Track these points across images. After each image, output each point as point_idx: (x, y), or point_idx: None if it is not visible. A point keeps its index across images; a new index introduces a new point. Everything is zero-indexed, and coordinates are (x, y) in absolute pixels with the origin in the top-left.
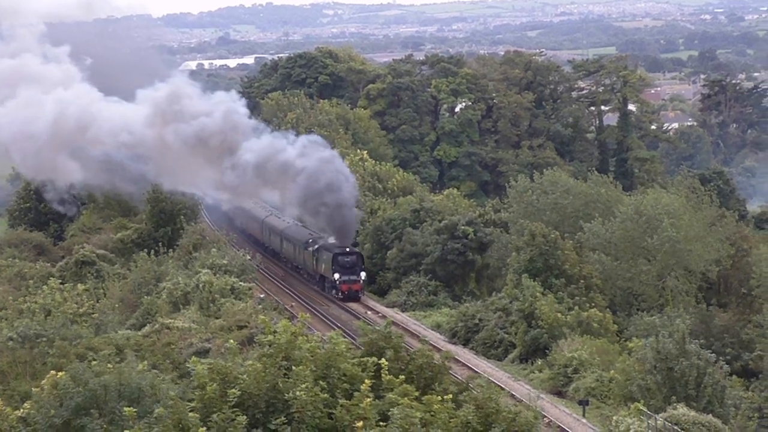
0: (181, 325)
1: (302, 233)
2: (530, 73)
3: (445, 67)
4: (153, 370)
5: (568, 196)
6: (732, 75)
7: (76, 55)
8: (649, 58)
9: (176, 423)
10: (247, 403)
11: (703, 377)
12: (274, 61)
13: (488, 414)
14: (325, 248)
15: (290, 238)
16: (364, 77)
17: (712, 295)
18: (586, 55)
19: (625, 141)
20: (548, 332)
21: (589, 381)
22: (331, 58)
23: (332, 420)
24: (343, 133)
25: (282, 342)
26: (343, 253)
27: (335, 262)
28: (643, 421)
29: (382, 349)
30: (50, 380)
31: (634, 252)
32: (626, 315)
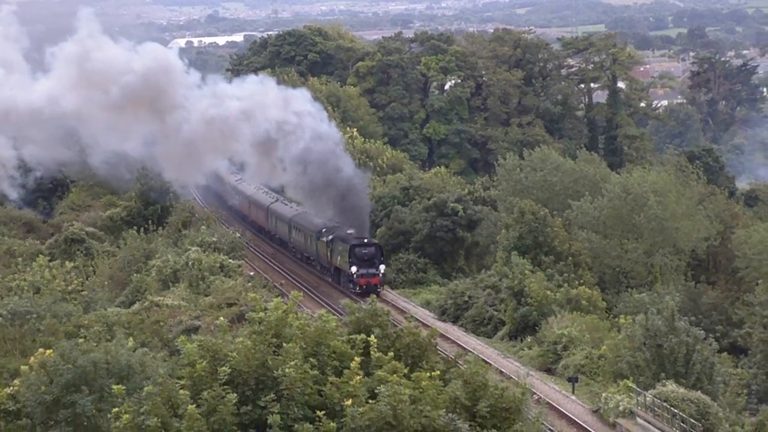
0: (170, 302)
1: (314, 222)
2: (519, 51)
3: (434, 45)
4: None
5: (557, 174)
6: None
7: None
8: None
9: (166, 400)
10: (236, 381)
11: (692, 354)
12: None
13: (476, 390)
14: (341, 239)
15: (300, 226)
16: (354, 55)
17: (701, 272)
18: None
19: (614, 118)
20: (537, 309)
21: (578, 358)
22: (321, 36)
23: (322, 397)
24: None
25: (272, 320)
26: (361, 244)
27: (352, 254)
28: (633, 398)
29: (368, 327)
30: (39, 358)
31: (623, 230)
32: (615, 292)
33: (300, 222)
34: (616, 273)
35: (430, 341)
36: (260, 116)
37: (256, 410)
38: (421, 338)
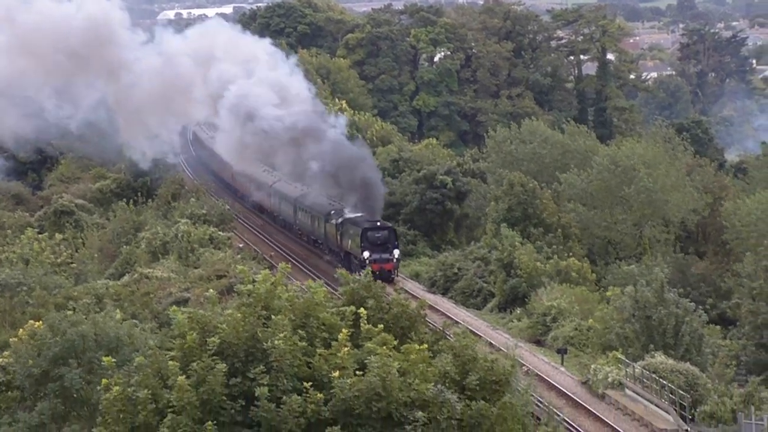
0: (160, 274)
1: (322, 203)
2: (509, 23)
3: (424, 17)
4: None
5: (546, 146)
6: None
7: None
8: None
9: (156, 372)
10: (226, 352)
11: (681, 326)
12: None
13: (465, 362)
14: (352, 222)
15: (307, 207)
16: (343, 27)
17: (690, 244)
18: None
19: (603, 90)
20: (527, 281)
21: (567, 330)
22: (310, 8)
23: (311, 369)
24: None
25: (261, 292)
26: (373, 228)
27: (365, 238)
28: (621, 370)
29: (363, 299)
30: (29, 330)
31: (612, 202)
32: (604, 264)
33: (306, 203)
34: (605, 245)
35: (419, 313)
36: (215, 72)
37: (246, 382)
38: (411, 310)
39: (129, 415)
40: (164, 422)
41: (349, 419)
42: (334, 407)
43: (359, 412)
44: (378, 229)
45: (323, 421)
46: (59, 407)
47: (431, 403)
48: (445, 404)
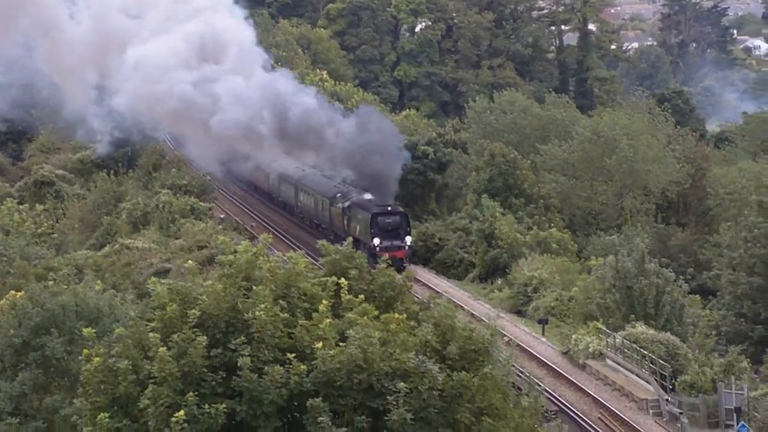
0: (140, 245)
1: (326, 185)
2: None
3: None
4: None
5: (527, 117)
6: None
7: None
8: None
9: (136, 343)
10: (207, 324)
11: (661, 296)
12: None
13: (445, 332)
14: (360, 206)
15: (309, 189)
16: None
17: (671, 214)
18: None
19: (585, 61)
20: (508, 252)
21: (548, 300)
22: None
23: (292, 339)
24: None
25: (242, 262)
26: (384, 212)
27: (374, 223)
28: (602, 340)
29: (345, 269)
30: (9, 300)
31: (592, 172)
32: (585, 235)
33: (309, 184)
34: (585, 215)
35: (405, 284)
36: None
37: (227, 353)
38: (396, 280)
39: (110, 385)
40: (145, 393)
41: (331, 390)
42: (315, 378)
43: (340, 383)
44: (389, 214)
45: (305, 392)
46: (40, 377)
47: (413, 374)
48: (426, 375)
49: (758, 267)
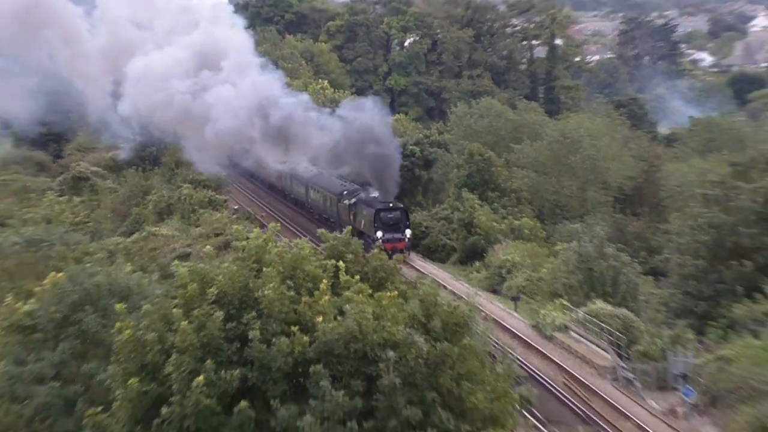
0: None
1: (334, 183)
2: (470, 12)
3: (395, 7)
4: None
5: (501, 120)
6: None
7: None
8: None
9: (162, 317)
10: (222, 301)
11: (618, 276)
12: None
13: (430, 308)
14: (365, 203)
15: (319, 188)
16: (325, 15)
17: (628, 205)
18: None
19: (552, 71)
20: (485, 238)
21: (520, 280)
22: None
23: (296, 314)
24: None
25: (253, 247)
26: (386, 209)
27: (378, 218)
28: (567, 315)
29: (342, 254)
30: (51, 280)
31: (559, 169)
32: (552, 223)
33: (319, 183)
34: (552, 206)
35: (395, 266)
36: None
37: (240, 326)
38: (387, 263)
39: (138, 354)
40: (169, 361)
41: (330, 358)
42: (317, 348)
43: (339, 352)
44: (391, 210)
45: (307, 360)
46: (78, 347)
47: (401, 344)
48: (413, 345)
49: (702, 251)
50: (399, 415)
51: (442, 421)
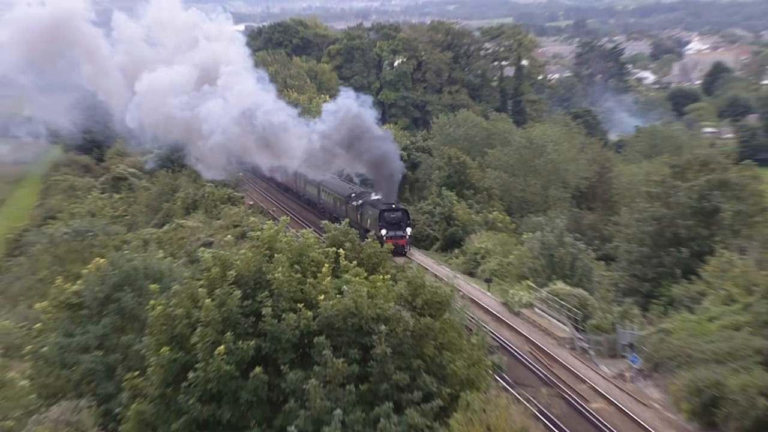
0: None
1: (343, 186)
2: (449, 37)
3: (386, 33)
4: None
5: (476, 129)
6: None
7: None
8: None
9: (188, 296)
10: (240, 282)
11: (575, 261)
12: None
13: (416, 288)
14: (370, 204)
15: (329, 190)
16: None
17: (583, 201)
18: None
19: (519, 87)
20: (462, 229)
21: (492, 264)
22: (302, 26)
23: (302, 294)
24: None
25: (266, 237)
26: (389, 209)
27: (382, 218)
28: (532, 294)
29: (341, 242)
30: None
31: (525, 170)
32: (519, 216)
33: (329, 186)
34: (520, 202)
35: (385, 254)
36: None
37: (254, 303)
38: (379, 250)
39: (169, 327)
40: (195, 333)
41: (331, 331)
42: (320, 322)
43: (338, 326)
44: (393, 211)
45: (312, 332)
46: (118, 322)
47: (391, 319)
48: (401, 319)
49: (646, 240)
50: (390, 379)
51: (426, 384)
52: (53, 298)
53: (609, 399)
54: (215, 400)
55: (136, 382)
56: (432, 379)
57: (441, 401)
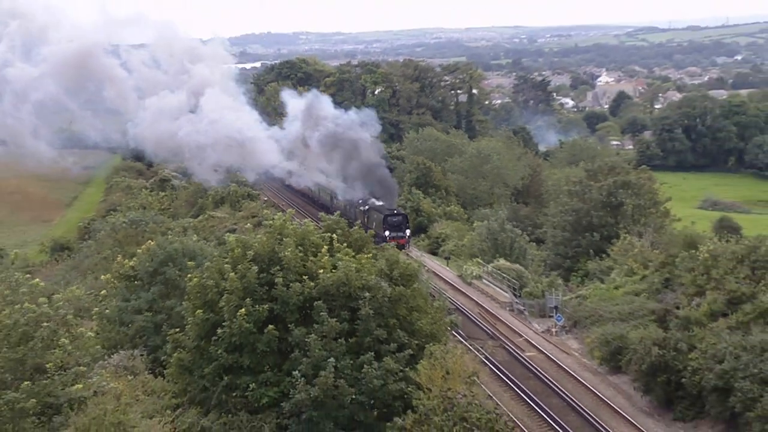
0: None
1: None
2: (417, 72)
3: (369, 68)
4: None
5: (438, 142)
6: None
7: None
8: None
9: (217, 270)
10: (257, 259)
11: (513, 243)
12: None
13: (392, 264)
14: (375, 209)
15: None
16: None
17: (520, 197)
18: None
19: (470, 110)
20: (427, 219)
21: (450, 246)
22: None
23: (305, 268)
24: None
25: (277, 225)
26: (392, 214)
27: (386, 222)
28: (480, 268)
29: (334, 229)
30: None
31: (476, 174)
32: (471, 209)
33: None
34: (472, 198)
35: (368, 238)
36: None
37: (268, 276)
38: (363, 235)
39: (202, 295)
40: (223, 299)
41: (327, 297)
42: (318, 290)
43: (333, 293)
44: (395, 215)
45: (312, 298)
46: (163, 290)
47: (373, 288)
48: (381, 288)
49: (567, 227)
50: (372, 334)
51: (400, 338)
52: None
53: (539, 349)
54: (238, 351)
55: (177, 336)
56: (404, 334)
57: (411, 351)
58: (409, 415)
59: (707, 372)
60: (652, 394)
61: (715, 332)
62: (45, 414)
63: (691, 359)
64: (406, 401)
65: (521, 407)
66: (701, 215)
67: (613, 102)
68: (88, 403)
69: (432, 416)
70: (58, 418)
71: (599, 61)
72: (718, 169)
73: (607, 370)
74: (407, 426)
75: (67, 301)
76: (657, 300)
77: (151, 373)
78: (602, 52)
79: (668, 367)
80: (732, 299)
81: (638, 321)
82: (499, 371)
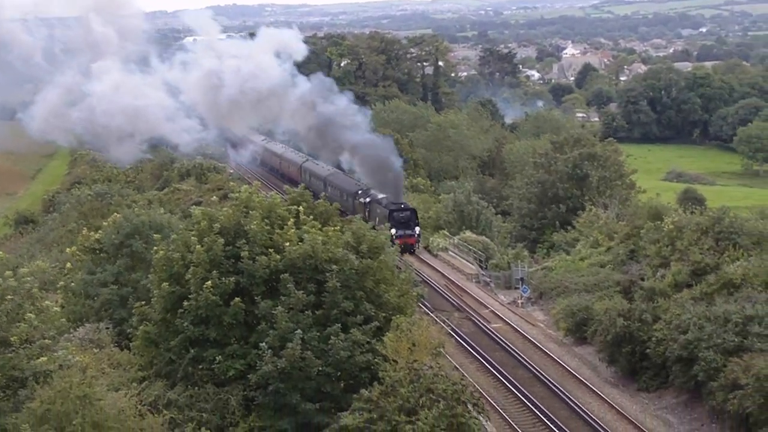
0: (185, 188)
1: (349, 183)
2: (383, 44)
3: (335, 41)
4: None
5: (404, 114)
6: (496, 45)
7: None
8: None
9: (183, 243)
10: (223, 233)
11: (480, 215)
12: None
13: (359, 236)
14: (378, 203)
15: (335, 185)
16: None
17: (486, 169)
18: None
19: (437, 82)
20: None
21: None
22: None
23: (272, 241)
24: None
25: (243, 197)
26: (398, 209)
27: (391, 218)
28: (447, 240)
29: (299, 202)
30: (112, 218)
31: (441, 147)
32: (438, 181)
33: (335, 181)
34: (438, 170)
35: (333, 210)
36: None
37: (234, 249)
38: (329, 207)
39: (168, 267)
40: (189, 271)
41: (294, 270)
42: (285, 263)
43: (299, 265)
44: (402, 210)
45: (279, 270)
46: (129, 263)
47: (340, 260)
48: (348, 260)
49: (533, 199)
50: (338, 306)
51: (367, 310)
52: (80, 244)
53: (505, 320)
54: (204, 323)
55: (143, 309)
56: (371, 306)
57: (378, 323)
58: (376, 387)
59: (671, 342)
60: (616, 364)
61: (679, 303)
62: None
63: (656, 330)
64: (373, 373)
65: (487, 378)
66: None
67: (579, 74)
68: (54, 377)
69: (398, 387)
70: (24, 392)
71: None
72: (682, 141)
73: (573, 341)
74: (374, 397)
75: (31, 274)
76: (622, 271)
77: (117, 346)
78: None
79: (633, 338)
80: (696, 270)
81: (603, 292)
82: (465, 343)
